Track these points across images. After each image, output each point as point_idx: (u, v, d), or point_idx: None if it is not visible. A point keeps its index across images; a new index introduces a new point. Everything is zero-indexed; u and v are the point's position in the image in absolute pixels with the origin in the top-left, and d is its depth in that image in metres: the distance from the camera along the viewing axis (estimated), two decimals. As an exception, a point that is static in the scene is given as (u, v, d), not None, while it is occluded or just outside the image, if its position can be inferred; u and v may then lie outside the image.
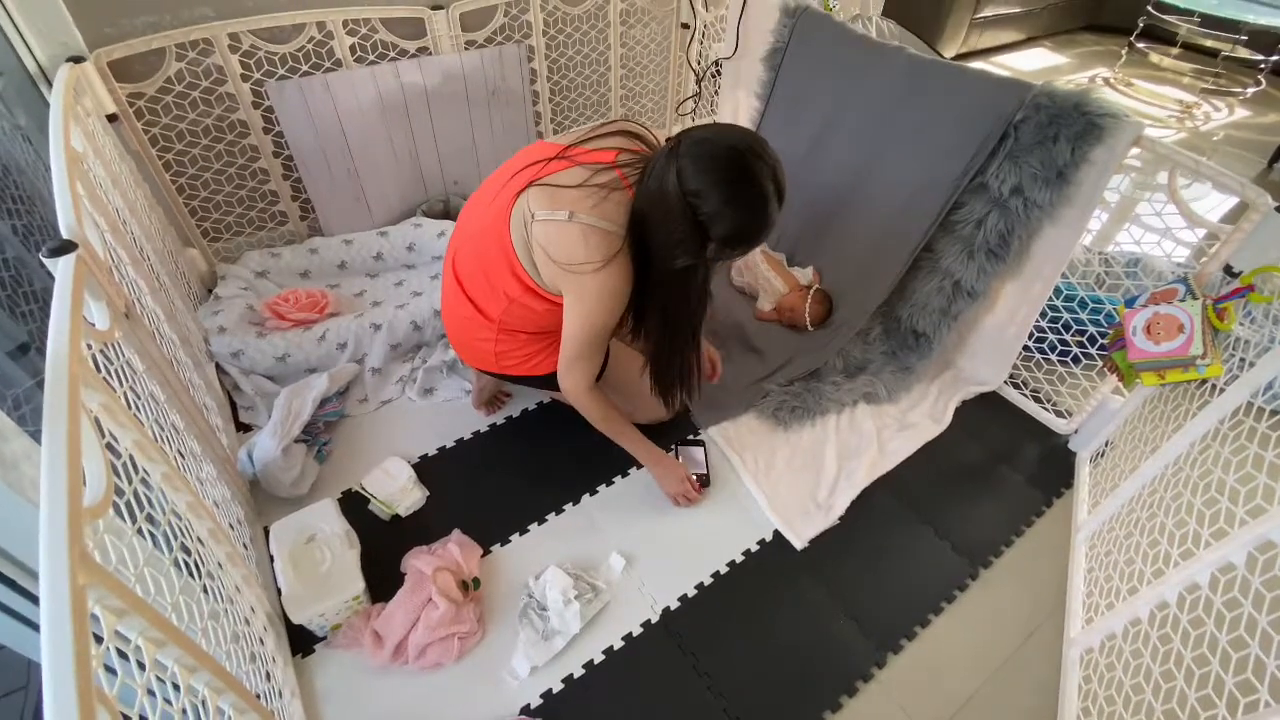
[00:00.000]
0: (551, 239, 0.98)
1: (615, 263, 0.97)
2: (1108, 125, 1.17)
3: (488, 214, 1.09)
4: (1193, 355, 1.07)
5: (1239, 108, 3.26)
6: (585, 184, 0.97)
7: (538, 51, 1.90)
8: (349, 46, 1.63)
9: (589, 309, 1.01)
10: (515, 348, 1.19)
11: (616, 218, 0.97)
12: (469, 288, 1.16)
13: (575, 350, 1.07)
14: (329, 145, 1.70)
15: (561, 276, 1.00)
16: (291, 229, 1.83)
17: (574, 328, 1.04)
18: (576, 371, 1.10)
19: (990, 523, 1.35)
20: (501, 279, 1.09)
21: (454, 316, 1.22)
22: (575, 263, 0.96)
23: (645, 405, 1.42)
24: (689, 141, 0.91)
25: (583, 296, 1.01)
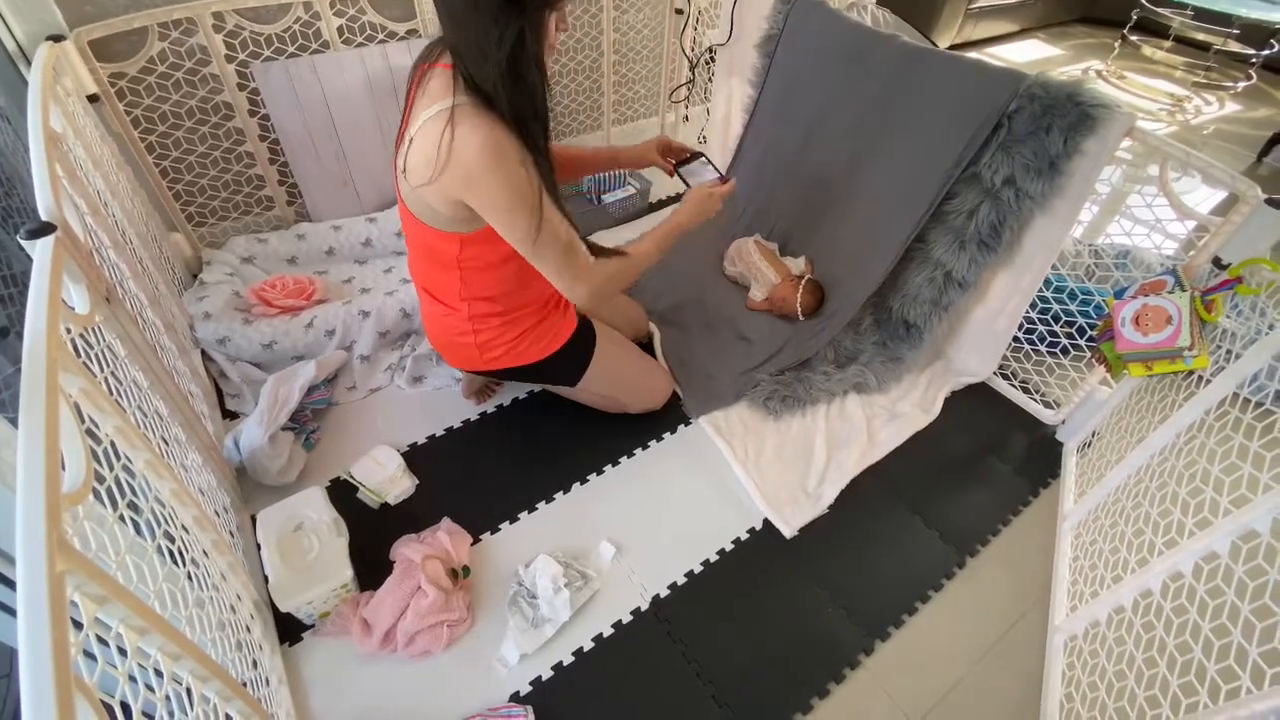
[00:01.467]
0: (417, 161, 0.88)
1: (471, 124, 0.83)
2: (1100, 116, 1.17)
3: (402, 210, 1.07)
4: (1180, 347, 1.07)
5: (1229, 102, 3.28)
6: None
7: (529, 36, 1.87)
8: (336, 28, 1.60)
9: (507, 193, 0.88)
10: (493, 336, 1.17)
11: (442, 93, 0.85)
12: (427, 285, 1.16)
13: (544, 251, 0.94)
14: (316, 129, 1.68)
15: (458, 189, 0.88)
16: (278, 214, 1.80)
17: (520, 229, 0.91)
18: (568, 275, 0.98)
19: (977, 512, 1.36)
20: (436, 253, 1.05)
21: (431, 320, 1.22)
22: (443, 161, 0.84)
23: (638, 397, 1.42)
24: None
25: (489, 189, 0.87)
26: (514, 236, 0.94)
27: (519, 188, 0.88)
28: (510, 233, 0.94)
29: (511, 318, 1.17)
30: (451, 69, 0.85)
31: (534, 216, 0.91)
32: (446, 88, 0.85)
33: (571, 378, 1.32)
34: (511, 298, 1.14)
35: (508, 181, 0.87)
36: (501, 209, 0.91)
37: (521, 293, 1.14)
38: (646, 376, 1.43)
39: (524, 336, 1.19)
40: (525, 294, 1.15)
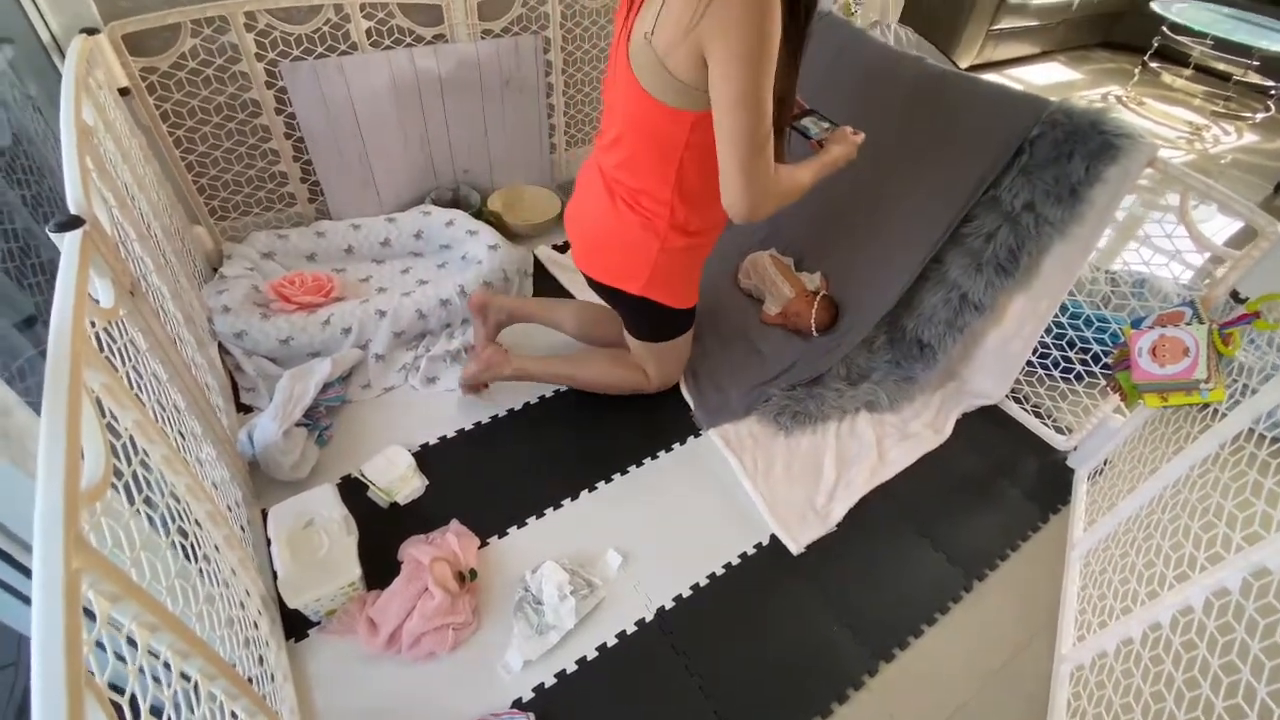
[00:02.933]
0: (674, 12, 0.83)
1: None
2: (1124, 145, 1.17)
3: (618, 87, 0.99)
4: (1197, 379, 1.07)
5: (1248, 132, 3.27)
6: None
7: (554, 43, 1.89)
8: (365, 30, 1.62)
9: (756, 43, 0.80)
10: (672, 260, 1.13)
11: None
12: (630, 180, 1.06)
13: (743, 127, 0.86)
14: (341, 128, 1.70)
15: (713, 34, 0.82)
16: (299, 211, 1.82)
17: (739, 84, 0.83)
18: (750, 166, 0.89)
19: (986, 535, 1.35)
20: (661, 137, 0.98)
21: (611, 217, 1.11)
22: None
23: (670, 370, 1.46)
24: None
25: (742, 33, 0.80)
26: (729, 91, 0.84)
27: (767, 44, 0.81)
28: (728, 85, 0.84)
29: (696, 243, 1.15)
30: None
31: (762, 79, 0.83)
32: None
33: (667, 334, 1.35)
34: (711, 211, 1.08)
35: (761, 32, 0.80)
36: (738, 57, 0.81)
37: (716, 209, 1.04)
38: (684, 361, 1.48)
39: (692, 275, 1.21)
40: (717, 213, 1.08)
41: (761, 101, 0.85)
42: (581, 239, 1.23)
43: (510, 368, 1.43)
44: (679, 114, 0.94)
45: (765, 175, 0.91)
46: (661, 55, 0.88)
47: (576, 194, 1.25)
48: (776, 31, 0.83)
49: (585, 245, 1.23)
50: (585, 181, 1.19)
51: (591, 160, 1.17)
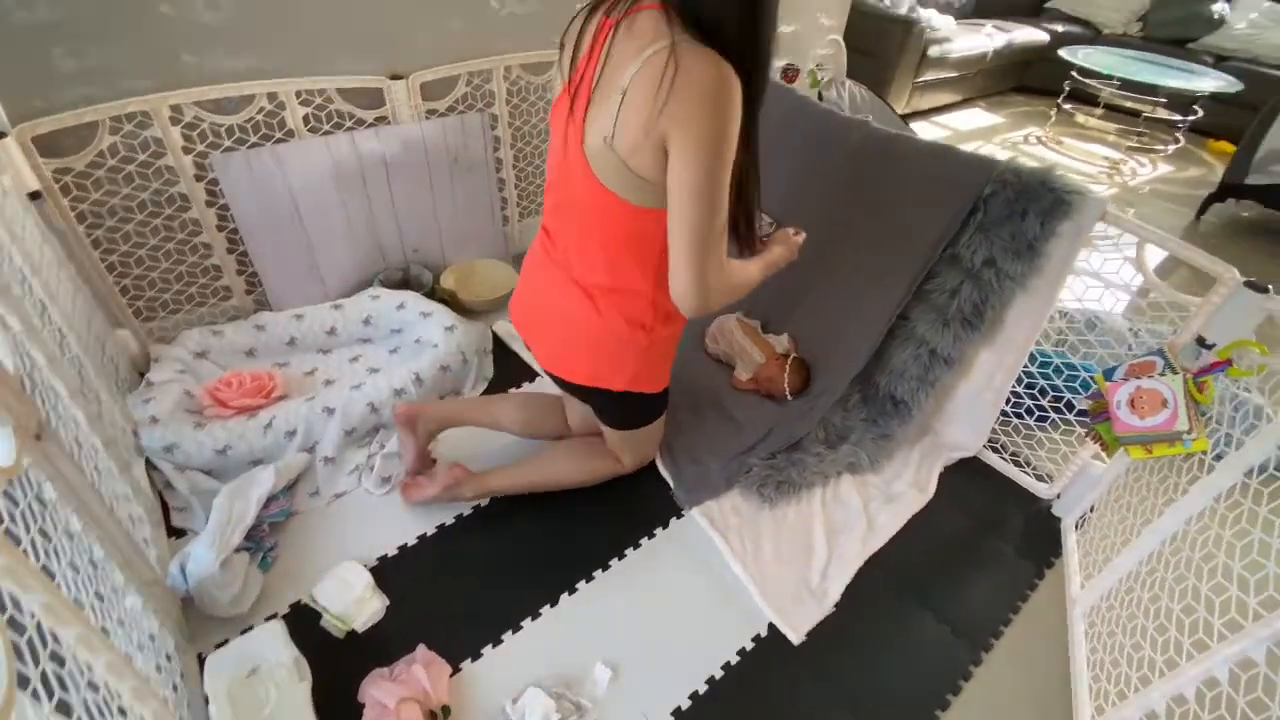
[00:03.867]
0: (632, 112, 0.79)
1: (699, 55, 0.75)
2: (1074, 201, 1.20)
3: (575, 189, 0.93)
4: (1178, 430, 1.06)
5: (1162, 163, 3.50)
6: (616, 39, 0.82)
7: (501, 119, 1.87)
8: (302, 117, 1.56)
9: (714, 134, 0.77)
10: (654, 341, 1.06)
11: (655, 33, 0.77)
12: (601, 275, 1.00)
13: (695, 220, 0.82)
14: (279, 217, 1.61)
15: (674, 125, 0.78)
16: (236, 304, 1.70)
17: (694, 176, 0.79)
18: (701, 261, 0.85)
19: (985, 600, 1.30)
20: (637, 236, 0.93)
21: (586, 317, 1.03)
22: (665, 94, 0.75)
23: (645, 451, 1.38)
24: None
25: (702, 123, 0.77)
26: (684, 182, 0.80)
27: (727, 131, 0.78)
28: (684, 175, 0.80)
29: (680, 327, 1.10)
30: (661, 8, 0.79)
31: (719, 171, 0.80)
32: (660, 27, 0.77)
33: (645, 419, 1.27)
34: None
35: (721, 119, 0.77)
36: (697, 145, 0.78)
37: None
38: (661, 428, 1.38)
39: (669, 359, 1.15)
40: None
41: (718, 194, 0.82)
42: (551, 343, 1.15)
43: (471, 488, 1.31)
44: (651, 213, 0.89)
45: (717, 270, 0.87)
46: (625, 157, 0.84)
47: (529, 293, 1.15)
48: (736, 119, 0.80)
49: (556, 349, 1.14)
50: (545, 282, 1.10)
51: (545, 258, 1.09)
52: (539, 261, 1.12)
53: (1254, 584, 0.86)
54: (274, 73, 1.49)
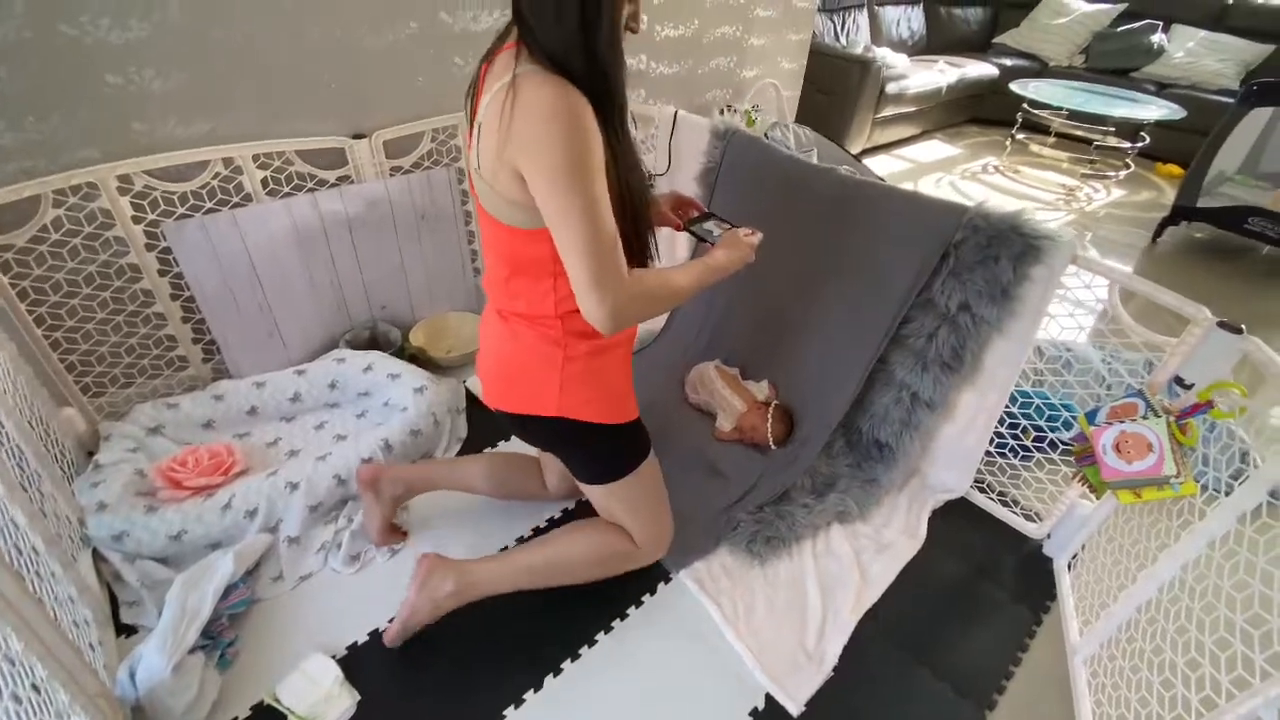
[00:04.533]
0: (486, 143, 0.82)
1: (538, 82, 0.77)
2: (1045, 245, 1.20)
3: (478, 217, 0.98)
4: (1166, 475, 1.05)
5: (1115, 188, 3.62)
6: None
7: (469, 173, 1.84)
8: (260, 180, 1.52)
9: (564, 150, 0.77)
10: (582, 368, 1.02)
11: (505, 69, 0.80)
12: (510, 301, 0.99)
13: (579, 235, 0.80)
14: (237, 282, 1.55)
15: (520, 153, 0.79)
16: (193, 373, 1.63)
17: (562, 196, 0.79)
18: (600, 275, 0.82)
19: (985, 651, 1.26)
20: (525, 261, 0.92)
21: (500, 341, 1.04)
22: (508, 123, 0.77)
23: (653, 531, 1.23)
24: None
25: (548, 145, 0.77)
26: (553, 206, 0.79)
27: (580, 148, 0.77)
28: (551, 200, 0.79)
29: (603, 346, 1.03)
30: (514, 46, 0.81)
31: (585, 187, 0.78)
32: (509, 62, 0.80)
33: (618, 466, 1.14)
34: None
35: (569, 137, 0.76)
36: (551, 169, 0.77)
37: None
38: (666, 506, 1.25)
39: (613, 384, 1.07)
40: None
41: (592, 208, 0.80)
42: (487, 375, 1.12)
43: (452, 588, 1.14)
44: (532, 233, 0.88)
45: (617, 281, 0.84)
46: (490, 183, 0.86)
47: (483, 341, 1.14)
48: (588, 138, 0.78)
49: (490, 380, 1.11)
50: (484, 321, 1.12)
51: (489, 306, 1.10)
52: (486, 313, 1.11)
53: (1258, 639, 0.84)
54: (229, 137, 1.44)
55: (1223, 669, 0.88)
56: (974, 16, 4.71)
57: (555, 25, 0.77)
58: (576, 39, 0.77)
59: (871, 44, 3.97)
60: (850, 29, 3.95)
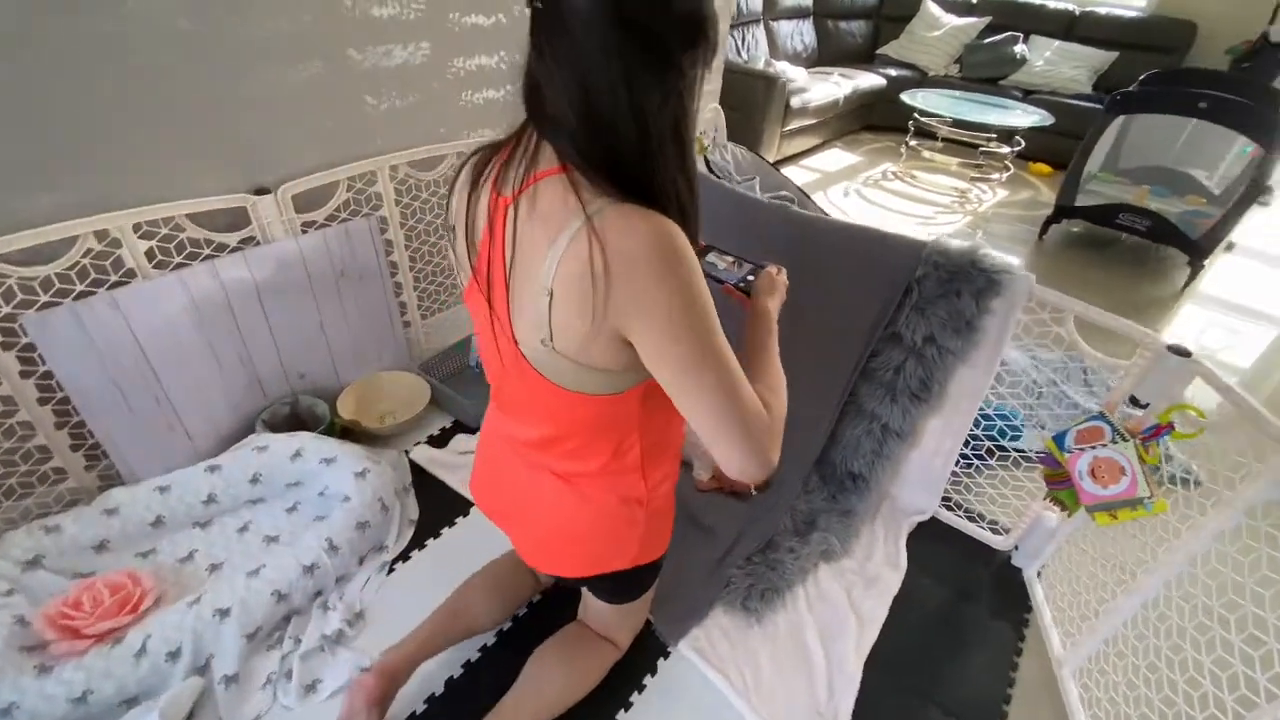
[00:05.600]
0: (568, 312, 0.65)
1: (624, 220, 0.62)
2: (1004, 280, 1.24)
3: (524, 385, 0.77)
4: (1140, 496, 1.10)
5: (1000, 189, 3.93)
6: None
7: (391, 221, 1.68)
8: (144, 252, 1.29)
9: (684, 294, 0.63)
10: (661, 508, 0.93)
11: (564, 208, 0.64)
12: (585, 465, 0.84)
13: (721, 387, 0.67)
14: (124, 375, 1.31)
15: (629, 312, 0.64)
16: (75, 485, 1.36)
17: (699, 350, 0.66)
18: (753, 426, 0.68)
19: (980, 679, 1.28)
20: (606, 422, 0.79)
21: (565, 523, 0.89)
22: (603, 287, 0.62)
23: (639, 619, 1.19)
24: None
25: (666, 294, 0.63)
26: (678, 363, 0.66)
27: (697, 287, 0.64)
28: (672, 358, 0.66)
29: (674, 471, 0.94)
30: (560, 172, 0.64)
31: (709, 330, 0.66)
32: (568, 200, 0.63)
33: (646, 585, 1.07)
34: (674, 437, 0.91)
35: (686, 280, 0.63)
36: (671, 323, 0.64)
37: (675, 430, 0.91)
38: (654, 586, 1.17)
39: (672, 510, 0.97)
40: (677, 433, 0.92)
41: (722, 353, 0.67)
42: (534, 539, 0.97)
43: None
44: (623, 396, 0.76)
45: (759, 419, 0.69)
46: (575, 357, 0.70)
47: (492, 476, 0.98)
48: (694, 267, 0.66)
49: (542, 546, 0.97)
50: (512, 472, 0.93)
51: (506, 447, 0.93)
52: (499, 449, 0.95)
53: (1259, 659, 0.89)
54: (101, 205, 1.21)
55: (1225, 688, 0.92)
56: (858, 29, 4.97)
57: (619, 140, 0.62)
58: (653, 151, 0.63)
59: (770, 58, 4.07)
60: (750, 44, 4.03)
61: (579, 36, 0.58)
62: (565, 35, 0.59)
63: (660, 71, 0.61)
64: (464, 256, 0.76)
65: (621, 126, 0.62)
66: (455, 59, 1.69)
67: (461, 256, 0.77)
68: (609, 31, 0.58)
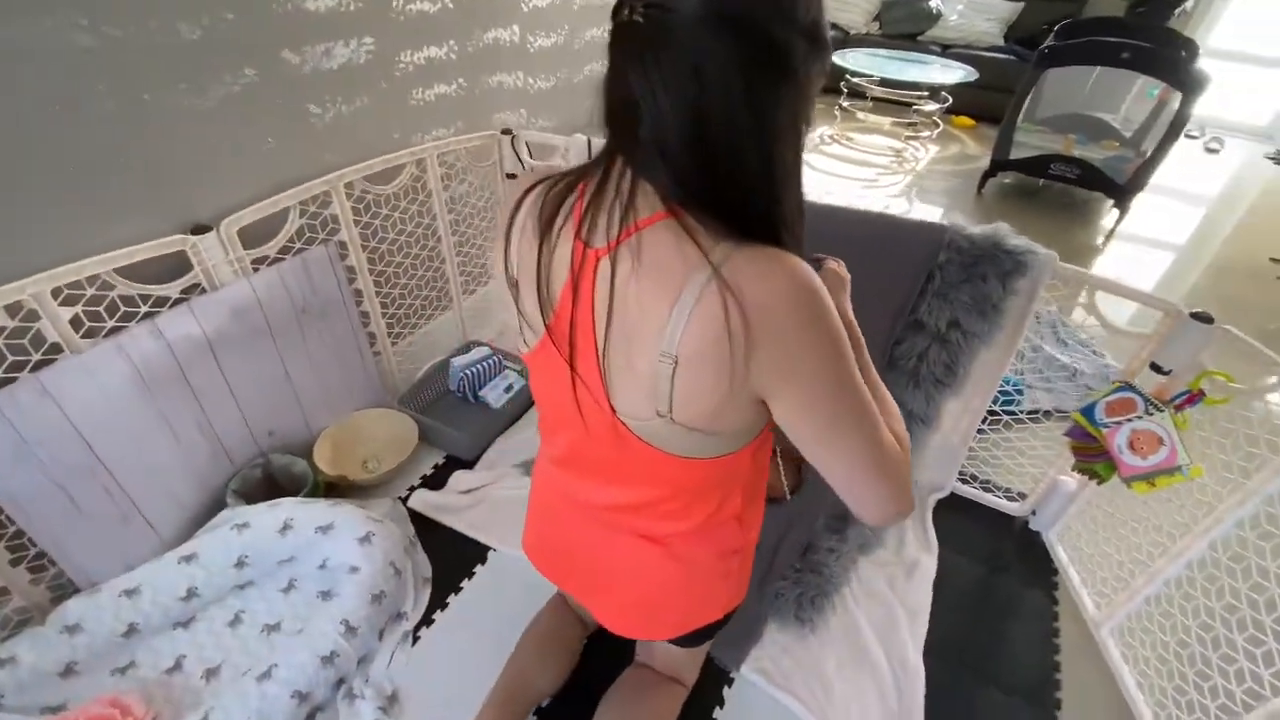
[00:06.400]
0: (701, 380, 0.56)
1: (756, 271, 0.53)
2: (1030, 260, 1.22)
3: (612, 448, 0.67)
4: (1179, 464, 1.13)
5: (932, 145, 4.02)
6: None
7: (351, 245, 1.48)
8: (70, 321, 1.06)
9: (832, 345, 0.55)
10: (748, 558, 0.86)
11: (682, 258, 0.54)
12: (681, 523, 0.75)
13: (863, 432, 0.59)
14: (62, 469, 1.09)
15: (774, 375, 0.55)
16: (22, 604, 1.13)
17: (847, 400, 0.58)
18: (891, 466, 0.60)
19: (1027, 651, 1.31)
20: (707, 482, 0.71)
21: (654, 586, 0.82)
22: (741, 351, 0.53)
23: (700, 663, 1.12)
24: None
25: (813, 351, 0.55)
26: (823, 419, 0.57)
27: (841, 330, 0.56)
28: (818, 414, 0.57)
29: (761, 511, 0.88)
30: (665, 217, 0.54)
31: (852, 376, 0.58)
32: (686, 252, 0.53)
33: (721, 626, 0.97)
34: (764, 479, 0.85)
35: (833, 326, 0.55)
36: (828, 378, 0.56)
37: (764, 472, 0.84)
38: None
39: (753, 549, 0.89)
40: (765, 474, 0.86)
41: (862, 394, 0.59)
42: (616, 605, 0.87)
43: None
44: (739, 454, 0.68)
45: (896, 457, 0.62)
46: (698, 425, 0.61)
47: (557, 539, 0.87)
48: (832, 307, 0.57)
49: (628, 612, 0.87)
50: (583, 535, 0.83)
51: (572, 509, 0.82)
52: (563, 511, 0.84)
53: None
54: (3, 274, 0.98)
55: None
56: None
57: (745, 172, 0.54)
58: (773, 181, 0.55)
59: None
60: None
61: (688, 48, 0.49)
62: (671, 48, 0.49)
63: (782, 86, 0.52)
64: (535, 315, 0.64)
65: (742, 154, 0.53)
66: (402, 52, 1.49)
67: (532, 315, 0.65)
68: (723, 41, 0.49)
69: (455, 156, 1.66)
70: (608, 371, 0.61)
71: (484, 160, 1.75)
